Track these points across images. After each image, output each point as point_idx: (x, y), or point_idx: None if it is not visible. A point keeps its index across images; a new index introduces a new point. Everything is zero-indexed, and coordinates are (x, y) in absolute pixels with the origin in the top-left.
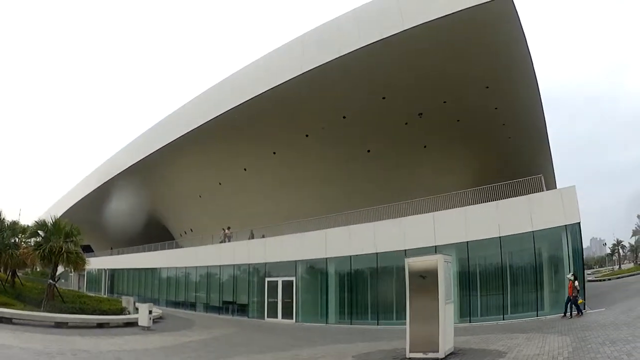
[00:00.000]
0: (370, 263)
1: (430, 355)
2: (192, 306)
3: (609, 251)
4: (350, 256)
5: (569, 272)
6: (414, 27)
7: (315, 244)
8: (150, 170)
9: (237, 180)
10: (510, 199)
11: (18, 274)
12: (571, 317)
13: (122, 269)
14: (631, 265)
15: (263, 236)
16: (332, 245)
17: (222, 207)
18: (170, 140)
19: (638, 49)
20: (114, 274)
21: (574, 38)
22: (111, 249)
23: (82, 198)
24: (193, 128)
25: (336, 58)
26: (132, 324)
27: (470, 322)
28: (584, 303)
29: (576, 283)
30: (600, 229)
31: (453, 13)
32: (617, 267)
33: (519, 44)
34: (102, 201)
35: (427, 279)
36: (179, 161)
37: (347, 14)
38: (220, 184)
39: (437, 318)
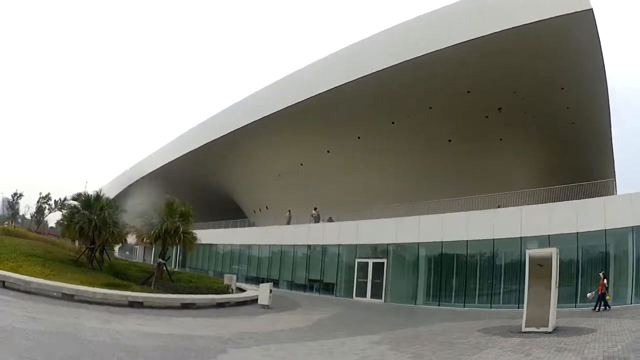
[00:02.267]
0: (460, 250)
1: (542, 329)
2: (274, 283)
3: None
4: (442, 242)
5: (602, 271)
6: (500, 31)
7: (408, 229)
8: (231, 146)
9: (319, 162)
10: (589, 199)
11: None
12: (598, 311)
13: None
14: None
15: (330, 219)
16: (425, 231)
17: (301, 187)
18: (258, 118)
19: None
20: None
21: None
22: None
23: (158, 168)
24: (282, 107)
25: (430, 52)
26: (246, 302)
27: None
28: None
29: (605, 281)
30: None
31: (539, 21)
32: None
33: (595, 51)
34: (175, 173)
35: (543, 267)
36: (262, 139)
37: (444, 9)
38: (301, 164)
39: (548, 300)
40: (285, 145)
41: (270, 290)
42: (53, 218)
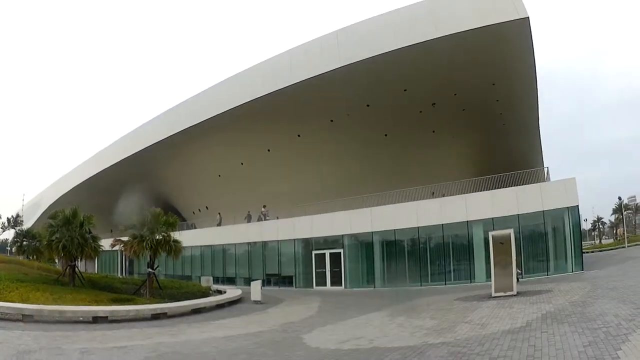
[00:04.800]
0: (412, 235)
1: (509, 293)
2: (231, 281)
3: (589, 226)
4: (394, 230)
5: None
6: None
7: (361, 220)
8: (167, 150)
9: (260, 161)
10: (528, 185)
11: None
12: None
13: None
14: (611, 240)
15: (277, 217)
16: (378, 221)
17: (242, 186)
18: (197, 122)
19: (614, 35)
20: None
21: (555, 22)
22: (111, 231)
23: (84, 181)
24: (223, 110)
25: (370, 57)
26: (236, 301)
27: None
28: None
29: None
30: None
31: (477, 28)
32: (597, 241)
33: (527, 51)
34: (105, 184)
35: (504, 245)
36: (200, 141)
37: (380, 17)
38: (242, 163)
39: (511, 270)
40: (225, 145)
41: (261, 287)
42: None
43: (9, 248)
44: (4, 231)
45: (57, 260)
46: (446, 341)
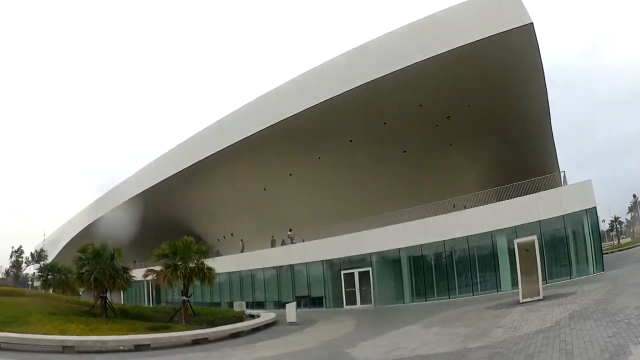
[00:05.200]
0: (439, 249)
1: (535, 298)
2: (260, 305)
3: (607, 227)
4: (421, 245)
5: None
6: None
7: (388, 237)
8: (189, 179)
9: (282, 185)
10: (546, 191)
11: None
12: None
13: None
14: (629, 239)
15: (303, 240)
16: (405, 237)
17: (266, 210)
18: (217, 150)
19: (609, 30)
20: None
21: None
22: (134, 262)
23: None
24: (243, 137)
25: (383, 76)
26: (271, 324)
27: None
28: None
29: None
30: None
31: (484, 38)
32: (616, 241)
33: (535, 56)
34: (126, 216)
35: (529, 251)
36: (222, 168)
37: (390, 34)
38: (264, 189)
39: (537, 275)
40: (247, 171)
41: (295, 309)
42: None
43: (30, 282)
44: (27, 266)
45: (80, 293)
46: (484, 345)
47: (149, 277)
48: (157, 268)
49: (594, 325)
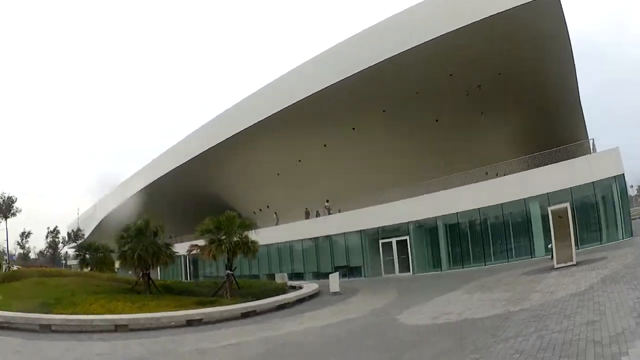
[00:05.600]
0: (474, 217)
1: (569, 263)
2: (299, 276)
3: (635, 192)
4: (457, 213)
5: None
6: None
7: (424, 206)
8: (224, 153)
9: (317, 157)
10: (577, 158)
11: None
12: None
13: None
14: None
15: (339, 211)
16: (440, 206)
17: (300, 182)
18: (252, 123)
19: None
20: (196, 258)
21: None
22: (170, 237)
23: (141, 189)
24: (276, 111)
25: (414, 47)
26: (314, 295)
27: None
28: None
29: None
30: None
31: (513, 8)
32: None
33: (560, 26)
34: (162, 190)
35: (562, 218)
36: (257, 142)
37: (420, 4)
38: (299, 160)
39: (570, 241)
40: (281, 144)
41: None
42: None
43: (63, 261)
44: (64, 246)
45: (116, 270)
46: (524, 308)
47: (193, 252)
48: (201, 243)
49: (624, 288)
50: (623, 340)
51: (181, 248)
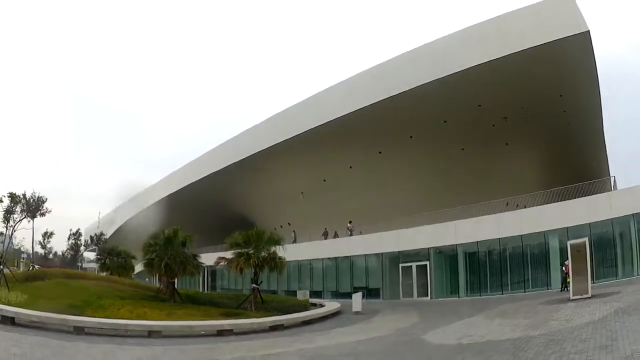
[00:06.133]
0: (494, 246)
1: (585, 296)
2: (317, 294)
3: None
4: (477, 242)
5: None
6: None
7: (445, 233)
8: (248, 168)
9: (342, 177)
10: (597, 195)
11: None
12: (562, 291)
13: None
14: None
15: (360, 232)
16: (461, 234)
17: (324, 202)
18: (278, 141)
19: None
20: (215, 270)
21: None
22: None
23: (163, 198)
24: (304, 130)
25: (445, 76)
26: (336, 313)
27: None
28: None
29: (567, 267)
30: None
31: (542, 44)
32: None
33: (589, 62)
34: (185, 201)
35: (580, 252)
36: (283, 159)
37: (451, 36)
38: (324, 180)
39: (586, 275)
40: (306, 163)
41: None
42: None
43: (79, 264)
44: (86, 249)
45: (132, 276)
46: (543, 333)
47: (221, 264)
48: (227, 255)
49: (636, 319)
50: None
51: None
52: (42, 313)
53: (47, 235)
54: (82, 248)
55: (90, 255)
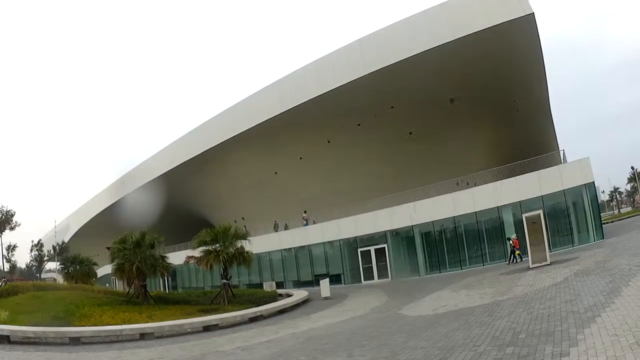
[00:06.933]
0: (450, 224)
1: (544, 263)
2: (279, 285)
3: (607, 197)
4: (433, 221)
5: (512, 234)
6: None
7: (402, 216)
8: (200, 165)
9: (293, 169)
10: (548, 168)
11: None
12: (512, 263)
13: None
14: (629, 208)
15: (314, 222)
16: (417, 215)
17: (277, 194)
18: (229, 137)
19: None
20: (175, 270)
21: None
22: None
23: (116, 201)
24: (254, 125)
25: (393, 63)
26: (307, 300)
27: None
28: (520, 255)
29: (513, 241)
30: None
31: (487, 28)
32: (616, 211)
33: (535, 45)
34: (137, 203)
35: (535, 224)
36: (232, 154)
37: (399, 23)
38: (276, 173)
39: (544, 244)
40: (257, 156)
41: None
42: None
43: (37, 274)
44: (49, 259)
45: (92, 283)
46: (510, 297)
47: (191, 263)
48: (197, 254)
49: (595, 278)
50: (596, 309)
51: None
52: (38, 328)
53: (11, 248)
54: (45, 258)
55: (49, 265)
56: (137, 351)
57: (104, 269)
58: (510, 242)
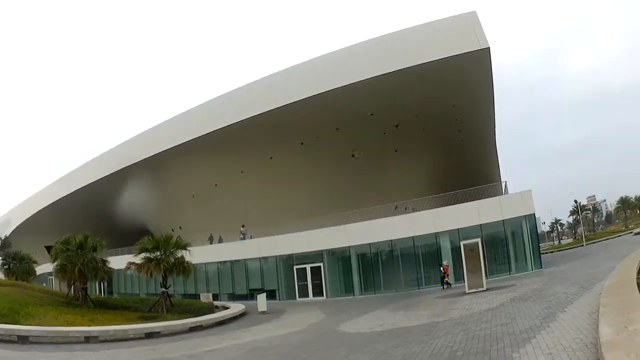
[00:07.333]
0: (387, 248)
1: (480, 289)
2: (214, 297)
3: (547, 228)
4: (369, 244)
5: (444, 260)
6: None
7: (338, 236)
8: (137, 173)
9: (234, 182)
10: (489, 198)
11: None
12: (444, 289)
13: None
14: (570, 240)
15: (251, 236)
16: (354, 236)
17: (216, 206)
18: (171, 146)
19: (568, 35)
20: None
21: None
22: None
23: (55, 201)
24: (197, 136)
25: (336, 88)
26: (244, 314)
27: None
28: (449, 282)
29: (444, 268)
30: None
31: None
32: (557, 242)
33: (487, 75)
34: (77, 205)
35: (473, 251)
36: (173, 164)
37: (353, 47)
38: (216, 184)
39: (480, 271)
40: (198, 167)
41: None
42: None
43: None
44: None
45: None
46: (447, 319)
47: (131, 269)
48: (137, 260)
49: (531, 304)
50: (531, 331)
51: None
52: None
53: None
54: None
55: None
56: (86, 354)
57: (42, 268)
58: (442, 268)
